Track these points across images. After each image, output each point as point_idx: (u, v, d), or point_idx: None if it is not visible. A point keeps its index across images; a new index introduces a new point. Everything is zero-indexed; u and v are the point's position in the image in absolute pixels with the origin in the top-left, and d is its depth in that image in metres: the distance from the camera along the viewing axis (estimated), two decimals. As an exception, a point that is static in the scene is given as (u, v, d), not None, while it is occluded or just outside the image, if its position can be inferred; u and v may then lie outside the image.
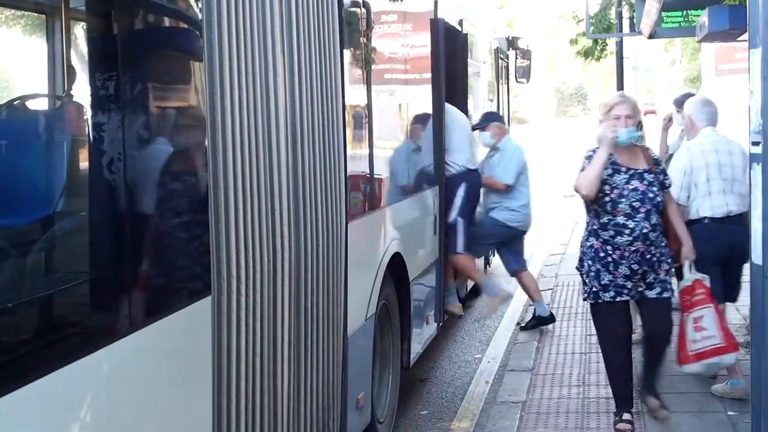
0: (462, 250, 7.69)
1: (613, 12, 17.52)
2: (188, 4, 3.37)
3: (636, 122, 5.37)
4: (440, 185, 7.45)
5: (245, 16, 3.48)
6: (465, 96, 8.64)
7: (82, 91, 2.79)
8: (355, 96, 5.34)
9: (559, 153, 27.50)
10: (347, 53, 4.98)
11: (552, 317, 8.28)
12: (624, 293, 5.34)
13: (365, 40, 5.55)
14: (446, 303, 7.74)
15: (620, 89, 18.21)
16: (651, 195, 5.28)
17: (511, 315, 9.27)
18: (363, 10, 5.43)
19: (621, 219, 5.26)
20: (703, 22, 10.31)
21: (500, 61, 11.46)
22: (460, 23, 8.59)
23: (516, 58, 12.42)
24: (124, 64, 2.89)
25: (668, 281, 5.41)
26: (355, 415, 5.01)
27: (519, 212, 8.15)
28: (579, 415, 5.85)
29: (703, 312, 5.39)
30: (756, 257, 3.99)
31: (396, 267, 5.94)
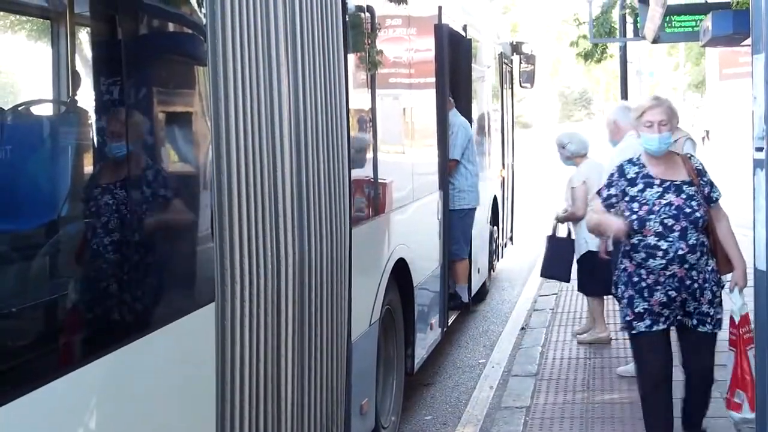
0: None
1: (615, 15, 17.58)
2: (192, 10, 3.37)
3: (672, 128, 4.77)
4: (444, 190, 7.46)
5: (249, 22, 3.49)
6: (469, 101, 8.65)
7: (87, 97, 2.80)
8: (359, 102, 5.35)
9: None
10: (351, 59, 4.98)
11: (468, 305, 8.34)
12: (661, 321, 4.70)
13: (369, 46, 5.55)
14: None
15: (624, 94, 18.24)
16: (688, 210, 4.60)
17: (516, 320, 9.26)
18: (367, 16, 5.44)
19: (652, 239, 4.61)
20: (707, 27, 10.32)
21: (504, 66, 11.48)
22: (464, 28, 8.60)
23: (520, 63, 12.45)
24: (129, 70, 2.90)
25: (713, 313, 4.72)
26: (359, 421, 5.00)
27: (470, 192, 8.20)
28: (583, 421, 5.83)
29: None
30: (760, 263, 3.98)
31: (400, 272, 5.94)
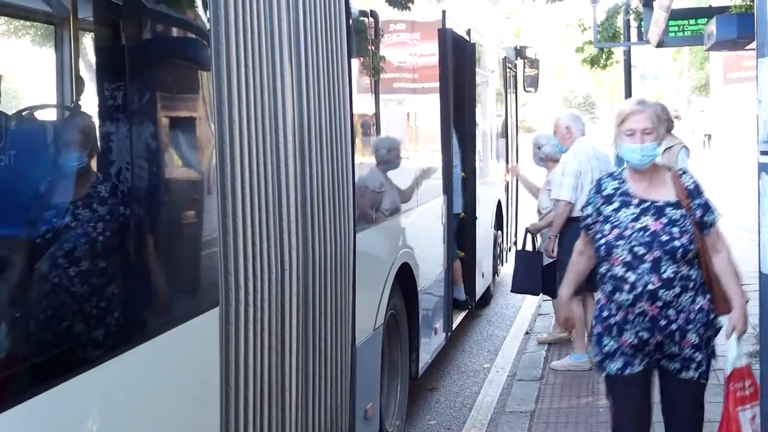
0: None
1: (620, 20, 17.57)
2: (196, 15, 3.38)
3: (658, 137, 4.02)
4: (448, 195, 7.46)
5: (253, 27, 3.50)
6: (473, 105, 8.65)
7: (91, 102, 2.80)
8: (363, 106, 5.35)
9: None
10: (355, 63, 4.98)
11: (466, 303, 8.35)
12: (636, 363, 3.98)
13: (373, 50, 5.55)
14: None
15: (628, 98, 18.20)
16: (665, 238, 3.84)
17: (520, 324, 9.26)
18: (371, 20, 5.44)
19: (619, 270, 3.88)
20: (711, 31, 10.30)
21: (508, 71, 11.48)
22: (468, 33, 8.60)
23: (524, 68, 12.45)
24: (132, 75, 2.91)
25: (699, 359, 3.95)
26: (364, 426, 5.00)
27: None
28: (588, 425, 5.82)
29: (756, 410, 3.96)
30: (765, 267, 3.96)
31: (404, 277, 5.94)
